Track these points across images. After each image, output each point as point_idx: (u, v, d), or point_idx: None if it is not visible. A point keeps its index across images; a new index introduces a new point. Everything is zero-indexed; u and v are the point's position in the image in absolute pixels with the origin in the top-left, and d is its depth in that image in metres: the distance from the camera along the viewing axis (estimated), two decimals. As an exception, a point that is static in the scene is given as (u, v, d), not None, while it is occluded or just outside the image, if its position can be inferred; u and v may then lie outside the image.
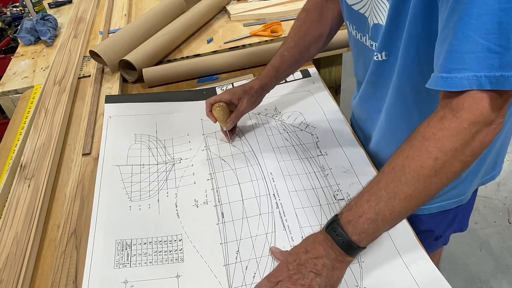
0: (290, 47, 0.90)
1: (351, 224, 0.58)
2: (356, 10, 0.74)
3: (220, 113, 0.89)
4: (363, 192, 0.59)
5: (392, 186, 0.56)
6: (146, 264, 0.72)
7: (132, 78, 1.21)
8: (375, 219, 0.57)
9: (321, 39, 0.91)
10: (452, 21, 0.52)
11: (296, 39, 0.90)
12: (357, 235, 0.58)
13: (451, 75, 0.52)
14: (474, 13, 0.49)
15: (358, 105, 0.91)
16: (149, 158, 0.92)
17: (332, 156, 0.89)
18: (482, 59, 0.50)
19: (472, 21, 0.50)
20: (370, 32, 0.73)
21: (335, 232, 0.59)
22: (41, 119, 1.07)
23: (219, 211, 0.79)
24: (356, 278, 0.67)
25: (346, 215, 0.59)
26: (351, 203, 0.60)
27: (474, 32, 0.50)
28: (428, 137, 0.54)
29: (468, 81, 0.51)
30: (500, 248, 1.71)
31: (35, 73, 1.32)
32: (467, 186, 0.86)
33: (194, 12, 1.41)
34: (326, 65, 1.41)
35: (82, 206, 0.84)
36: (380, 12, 0.68)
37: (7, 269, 0.72)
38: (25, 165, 0.94)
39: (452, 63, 0.52)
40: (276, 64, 0.91)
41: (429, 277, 0.66)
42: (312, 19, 0.89)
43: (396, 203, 0.56)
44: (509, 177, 2.01)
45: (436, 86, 0.55)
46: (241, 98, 0.90)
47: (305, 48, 0.91)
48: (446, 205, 0.88)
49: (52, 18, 1.54)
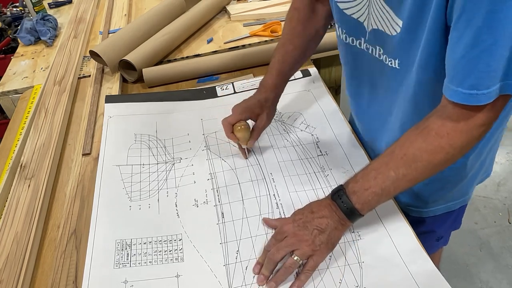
0: (290, 50, 0.88)
1: (356, 195, 0.66)
2: (348, 15, 0.74)
3: (245, 134, 0.85)
4: (369, 169, 0.66)
5: (402, 170, 0.63)
6: (146, 264, 0.72)
7: (132, 78, 1.21)
8: (379, 194, 0.65)
9: (318, 35, 0.90)
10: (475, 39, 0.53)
11: (295, 41, 0.88)
12: (360, 204, 0.66)
13: (479, 92, 0.56)
14: (499, 32, 0.51)
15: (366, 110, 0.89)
16: (149, 157, 0.92)
17: (332, 156, 0.89)
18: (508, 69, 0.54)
19: (500, 42, 0.52)
20: (367, 36, 0.73)
21: (340, 199, 0.67)
22: (41, 119, 1.07)
23: (219, 211, 0.79)
24: (356, 278, 0.67)
25: (352, 185, 0.67)
26: (357, 177, 0.67)
27: (501, 49, 0.52)
28: (442, 135, 0.61)
29: (495, 92, 0.56)
30: (500, 248, 1.71)
31: (35, 73, 1.32)
32: (470, 185, 0.88)
33: (194, 12, 1.41)
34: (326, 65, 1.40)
35: (82, 206, 0.84)
36: (381, 18, 0.67)
37: (7, 269, 0.72)
38: (25, 165, 0.94)
39: (482, 80, 0.55)
40: (281, 70, 0.89)
41: (429, 277, 0.66)
42: (305, 17, 0.87)
43: (403, 183, 0.65)
44: (509, 177, 2.01)
45: (464, 102, 0.57)
46: (260, 114, 0.87)
47: (304, 48, 0.89)
48: (451, 206, 0.89)
49: (52, 18, 1.54)
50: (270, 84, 0.88)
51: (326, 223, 0.67)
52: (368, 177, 0.66)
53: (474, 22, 0.52)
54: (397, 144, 0.65)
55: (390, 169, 0.64)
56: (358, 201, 0.66)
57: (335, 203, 0.67)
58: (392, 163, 0.64)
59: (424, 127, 0.63)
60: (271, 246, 0.69)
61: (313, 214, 0.68)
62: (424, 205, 0.87)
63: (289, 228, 0.68)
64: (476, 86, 0.56)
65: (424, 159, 0.62)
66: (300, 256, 0.66)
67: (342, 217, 0.67)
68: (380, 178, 0.65)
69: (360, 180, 0.66)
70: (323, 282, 0.67)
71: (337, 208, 0.67)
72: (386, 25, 0.67)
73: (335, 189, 0.69)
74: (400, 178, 0.64)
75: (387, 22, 0.67)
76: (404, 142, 0.65)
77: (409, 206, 0.87)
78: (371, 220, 0.74)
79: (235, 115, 0.86)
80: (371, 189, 0.65)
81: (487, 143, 0.80)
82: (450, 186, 0.84)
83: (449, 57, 0.58)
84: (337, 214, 0.67)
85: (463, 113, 0.59)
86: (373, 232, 0.73)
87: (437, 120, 0.62)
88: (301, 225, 0.68)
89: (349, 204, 0.66)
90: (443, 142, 0.61)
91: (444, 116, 0.61)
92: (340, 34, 0.80)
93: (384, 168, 0.65)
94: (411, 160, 0.63)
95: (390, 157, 0.65)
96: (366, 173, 0.66)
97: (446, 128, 0.61)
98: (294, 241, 0.67)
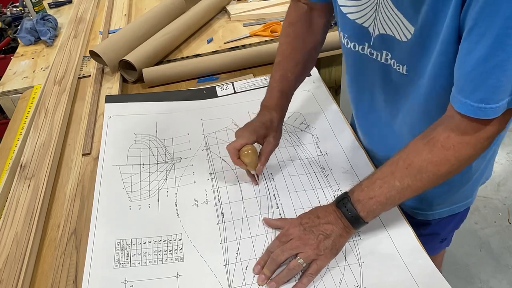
0: (292, 66, 0.85)
1: (361, 203, 0.66)
2: (352, 20, 0.73)
3: (252, 158, 0.79)
4: (374, 178, 0.67)
5: (407, 180, 0.64)
6: (146, 263, 0.72)
7: (132, 78, 1.21)
8: (384, 203, 0.66)
9: (316, 50, 0.88)
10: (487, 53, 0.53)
11: (294, 58, 0.85)
12: (365, 212, 0.66)
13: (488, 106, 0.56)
14: None
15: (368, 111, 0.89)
16: (149, 157, 0.92)
17: (332, 156, 0.89)
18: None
19: None
20: (372, 41, 0.72)
21: (345, 207, 0.67)
22: (41, 119, 1.07)
23: (219, 211, 0.79)
24: (356, 278, 0.67)
25: (357, 194, 0.67)
26: (363, 186, 0.68)
27: None
28: (448, 147, 0.61)
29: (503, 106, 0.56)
30: (500, 248, 1.71)
31: (35, 73, 1.32)
32: (475, 187, 0.88)
33: (194, 12, 1.41)
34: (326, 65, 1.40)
35: (82, 206, 0.84)
36: (391, 23, 0.66)
37: (7, 269, 0.72)
38: (25, 165, 0.94)
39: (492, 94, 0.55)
40: (284, 89, 0.85)
41: (429, 277, 0.66)
42: (302, 32, 0.85)
43: (407, 193, 0.65)
44: (509, 177, 2.01)
45: (472, 114, 0.58)
46: (267, 136, 0.83)
47: (304, 64, 0.87)
48: (456, 209, 0.89)
49: (52, 18, 1.54)
50: (274, 105, 0.85)
51: (332, 229, 0.68)
52: (374, 186, 0.66)
53: (487, 36, 0.52)
54: (403, 153, 0.66)
55: (396, 178, 0.65)
56: (363, 209, 0.66)
57: (340, 210, 0.68)
58: (398, 173, 0.65)
59: (431, 138, 0.63)
60: (275, 247, 0.69)
61: (319, 220, 0.69)
62: (430, 208, 0.87)
63: (295, 231, 0.69)
64: (485, 100, 0.56)
65: (429, 170, 0.63)
66: (305, 259, 0.66)
67: (347, 224, 0.68)
68: (386, 187, 0.65)
69: (366, 189, 0.67)
70: (323, 282, 0.67)
71: (342, 215, 0.68)
72: (397, 30, 0.66)
73: (340, 196, 0.70)
74: (405, 188, 0.65)
75: (397, 27, 0.65)
76: (409, 152, 0.65)
77: (415, 209, 0.87)
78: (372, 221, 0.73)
79: (240, 139, 0.80)
80: (376, 198, 0.66)
81: (492, 146, 0.79)
82: (455, 189, 0.84)
83: (459, 68, 0.58)
84: (342, 221, 0.68)
85: (470, 125, 0.59)
86: (373, 232, 0.73)
87: (444, 132, 0.62)
88: (307, 229, 0.69)
89: (354, 212, 0.67)
90: (449, 154, 0.61)
91: (451, 128, 0.61)
92: (341, 39, 0.79)
93: (390, 177, 0.65)
94: (417, 171, 0.63)
95: (396, 167, 0.66)
96: (372, 182, 0.67)
97: (452, 140, 0.61)
98: (299, 244, 0.67)
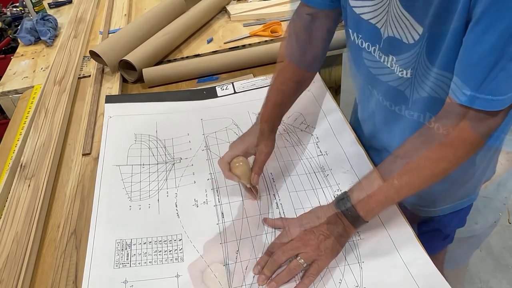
0: (287, 78, 0.84)
1: (360, 203, 0.67)
2: (366, 20, 0.71)
3: (244, 169, 0.78)
4: (373, 177, 0.67)
5: (406, 178, 0.64)
6: (146, 264, 0.72)
7: (132, 78, 1.21)
8: (383, 201, 0.66)
9: (317, 61, 0.86)
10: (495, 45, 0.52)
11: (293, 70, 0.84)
12: (364, 211, 0.67)
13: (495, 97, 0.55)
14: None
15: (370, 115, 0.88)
16: (149, 158, 0.92)
17: (332, 156, 0.89)
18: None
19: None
20: (382, 44, 0.70)
21: (345, 206, 0.68)
22: (41, 119, 1.07)
23: (219, 211, 0.79)
24: (356, 278, 0.67)
25: (356, 194, 0.68)
26: (362, 185, 0.68)
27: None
28: (446, 144, 0.61)
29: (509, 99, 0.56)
30: (500, 248, 1.71)
31: (35, 73, 1.32)
32: (477, 184, 0.88)
33: (194, 12, 1.41)
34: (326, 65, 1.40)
35: (82, 206, 0.84)
36: (399, 25, 0.65)
37: (7, 269, 0.72)
38: (25, 165, 0.94)
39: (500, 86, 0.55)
40: (277, 102, 0.84)
41: (429, 277, 0.66)
42: (303, 44, 0.82)
43: (406, 191, 0.65)
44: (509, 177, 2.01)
45: (479, 107, 0.57)
46: (258, 145, 0.81)
47: (302, 77, 0.85)
48: (458, 205, 0.89)
49: (52, 18, 1.54)
50: (265, 117, 0.83)
51: (332, 230, 0.68)
52: (373, 185, 0.67)
53: (496, 28, 0.51)
54: (401, 151, 0.66)
55: (394, 177, 0.65)
56: (362, 208, 0.67)
57: (340, 210, 0.69)
58: (396, 171, 0.65)
59: (429, 135, 0.63)
60: (275, 248, 0.69)
61: (320, 220, 0.70)
62: (432, 204, 0.87)
63: (296, 231, 0.70)
64: (492, 92, 0.55)
65: (427, 168, 0.63)
66: (305, 259, 0.67)
67: (347, 224, 0.68)
68: (384, 186, 0.65)
69: (365, 188, 0.67)
70: (323, 282, 0.67)
71: (342, 215, 0.68)
72: (404, 32, 0.65)
73: (340, 196, 0.70)
74: (403, 186, 0.65)
75: (404, 29, 0.65)
76: (407, 150, 0.65)
77: (418, 205, 0.87)
78: (372, 221, 0.73)
79: (230, 151, 0.80)
80: (375, 197, 0.66)
81: (495, 141, 0.79)
82: (458, 186, 0.84)
83: (464, 60, 0.57)
84: (342, 221, 0.68)
85: (470, 119, 0.58)
86: (373, 232, 0.73)
87: (441, 128, 0.61)
88: (308, 230, 0.69)
89: (354, 212, 0.67)
90: (447, 151, 0.61)
91: (449, 124, 0.60)
92: (355, 39, 0.76)
93: (388, 176, 0.66)
94: (414, 168, 0.63)
95: (394, 165, 0.66)
96: (370, 181, 0.67)
97: (451, 138, 0.61)
98: (300, 245, 0.68)
